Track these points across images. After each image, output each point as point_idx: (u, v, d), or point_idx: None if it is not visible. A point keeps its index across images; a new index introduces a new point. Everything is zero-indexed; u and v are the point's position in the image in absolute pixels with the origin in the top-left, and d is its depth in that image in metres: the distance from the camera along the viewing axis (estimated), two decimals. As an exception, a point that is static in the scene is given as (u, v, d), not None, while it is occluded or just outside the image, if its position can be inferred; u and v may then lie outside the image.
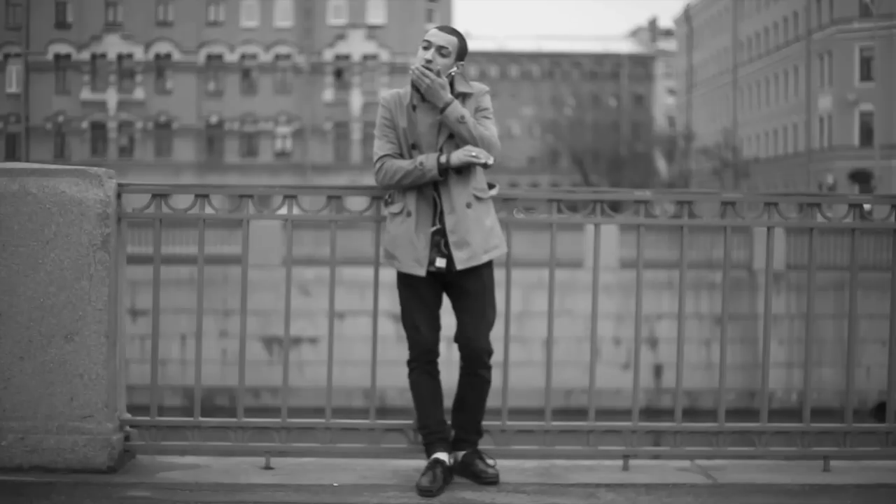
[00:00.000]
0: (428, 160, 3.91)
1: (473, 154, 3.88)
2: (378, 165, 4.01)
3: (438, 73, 3.91)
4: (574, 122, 64.69)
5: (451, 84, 4.00)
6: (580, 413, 4.74)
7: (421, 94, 3.98)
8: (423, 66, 3.91)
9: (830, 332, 17.91)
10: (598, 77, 73.56)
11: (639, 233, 4.34)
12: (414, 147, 3.98)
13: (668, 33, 76.49)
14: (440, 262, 3.97)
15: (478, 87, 4.07)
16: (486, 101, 4.05)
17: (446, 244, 3.98)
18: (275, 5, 49.78)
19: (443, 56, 3.93)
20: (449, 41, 3.95)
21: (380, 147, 4.04)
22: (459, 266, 3.97)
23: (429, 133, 3.96)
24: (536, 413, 4.32)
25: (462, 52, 3.98)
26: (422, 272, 3.98)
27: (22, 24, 47.59)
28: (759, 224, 4.41)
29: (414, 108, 3.99)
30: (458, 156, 3.90)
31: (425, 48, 3.95)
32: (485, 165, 3.92)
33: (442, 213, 3.97)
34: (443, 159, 3.90)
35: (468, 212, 3.96)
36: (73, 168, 4.12)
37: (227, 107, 49.61)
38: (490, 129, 3.99)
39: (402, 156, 4.02)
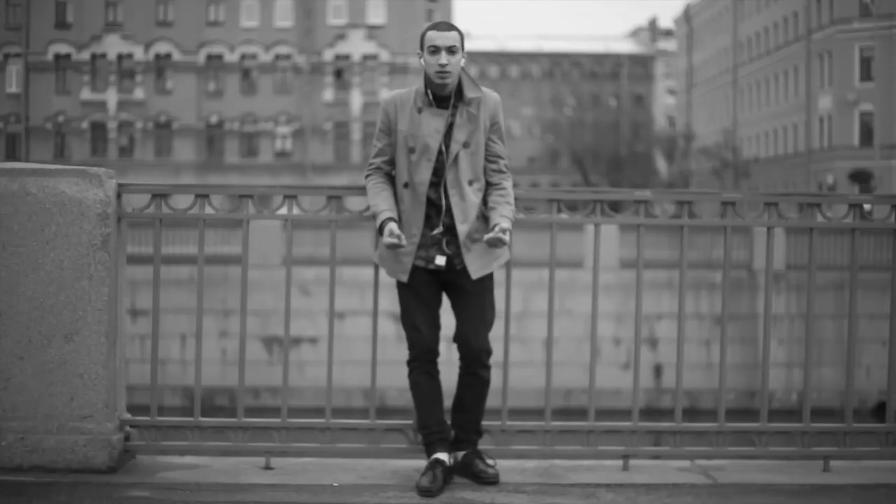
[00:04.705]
0: (378, 218, 3.95)
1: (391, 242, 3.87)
2: (365, 176, 4.11)
3: (453, 72, 3.94)
4: (574, 122, 64.72)
5: (460, 87, 4.00)
6: (580, 413, 4.74)
7: (428, 98, 3.99)
8: (441, 73, 3.90)
9: (830, 332, 17.91)
10: (598, 77, 73.58)
11: (639, 233, 4.34)
12: (412, 151, 3.98)
13: (668, 33, 76.48)
14: (440, 261, 3.97)
15: (491, 95, 4.05)
16: (501, 115, 4.07)
17: (448, 244, 3.98)
18: (275, 5, 49.76)
19: (452, 54, 3.93)
20: (454, 38, 3.95)
21: (374, 154, 4.11)
22: (475, 275, 4.00)
23: (433, 137, 3.96)
24: (536, 413, 4.32)
25: (463, 43, 3.99)
26: (404, 278, 4.01)
27: (22, 24, 47.57)
28: (759, 224, 4.41)
29: (419, 110, 3.99)
30: (388, 241, 3.86)
31: (433, 53, 3.93)
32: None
33: (444, 214, 3.96)
34: (384, 234, 3.88)
35: (479, 223, 4.00)
36: (73, 168, 4.12)
37: (227, 107, 49.60)
38: (502, 148, 4.05)
39: (393, 162, 4.05)
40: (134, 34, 48.81)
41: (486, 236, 3.87)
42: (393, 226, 3.88)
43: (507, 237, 3.85)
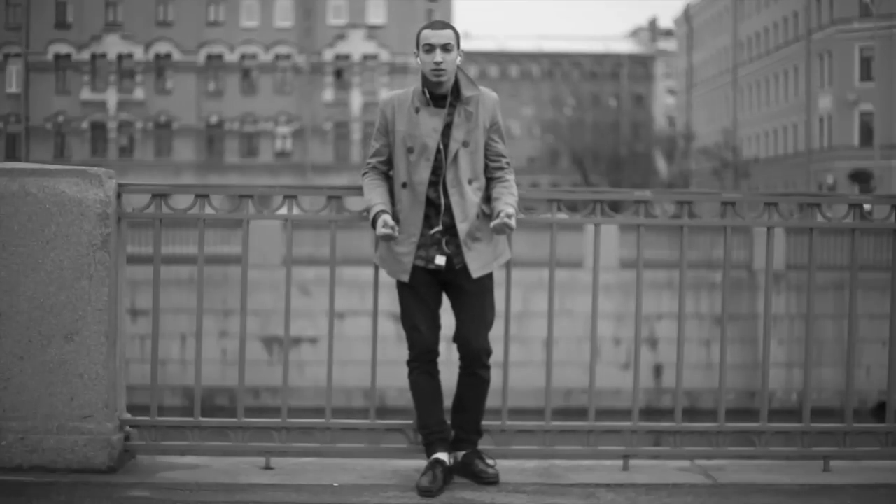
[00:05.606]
0: (371, 212, 3.97)
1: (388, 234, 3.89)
2: (362, 175, 4.13)
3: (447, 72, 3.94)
4: (574, 122, 64.76)
5: (457, 85, 4.00)
6: (580, 413, 4.74)
7: (426, 97, 3.99)
8: (436, 70, 3.91)
9: (830, 332, 17.91)
10: (598, 77, 73.58)
11: (639, 233, 4.34)
12: (410, 151, 3.98)
13: (668, 33, 76.48)
14: (439, 260, 3.97)
15: (488, 94, 4.05)
16: (499, 115, 4.07)
17: (447, 243, 3.98)
18: (275, 5, 49.76)
19: (448, 52, 3.93)
20: (448, 36, 3.95)
21: (371, 154, 4.13)
22: (476, 275, 3.99)
23: (431, 136, 3.96)
24: (536, 413, 4.32)
25: (459, 41, 3.99)
26: (405, 278, 4.01)
27: (22, 24, 47.56)
28: (759, 224, 4.41)
29: (417, 110, 3.99)
30: (381, 231, 3.88)
31: (428, 51, 3.93)
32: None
33: (443, 213, 3.97)
34: (377, 225, 3.91)
35: (480, 221, 4.00)
36: (73, 168, 4.12)
37: (227, 107, 49.59)
38: (503, 147, 4.06)
39: (389, 162, 4.06)
40: (134, 34, 48.80)
41: (493, 223, 3.89)
42: (386, 217, 3.90)
43: (512, 222, 3.85)
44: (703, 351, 18.40)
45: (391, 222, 3.89)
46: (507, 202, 3.93)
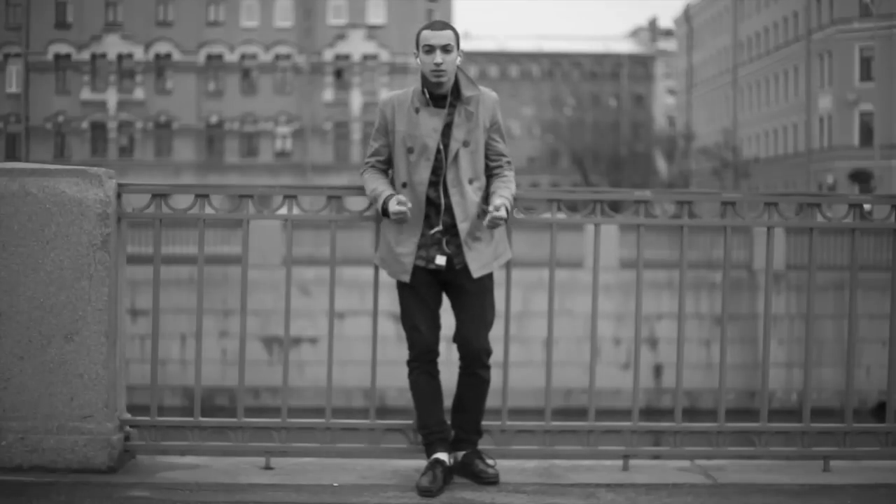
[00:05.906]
0: (379, 199, 3.96)
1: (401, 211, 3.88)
2: (361, 173, 4.14)
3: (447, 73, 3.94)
4: (574, 122, 64.79)
5: (457, 85, 4.00)
6: (580, 413, 4.74)
7: (425, 97, 3.99)
8: (436, 71, 3.91)
9: (830, 332, 17.91)
10: (598, 77, 73.60)
11: (639, 233, 4.34)
12: (410, 151, 3.98)
13: (668, 33, 76.50)
14: (440, 260, 3.97)
15: (488, 94, 4.05)
16: (499, 114, 4.08)
17: (448, 243, 3.98)
18: (275, 5, 49.76)
19: (448, 52, 3.93)
20: (448, 37, 3.95)
21: (369, 153, 4.13)
22: (476, 274, 3.99)
23: (431, 136, 3.96)
24: (536, 413, 4.32)
25: (459, 41, 3.99)
26: (406, 278, 4.01)
27: (22, 24, 47.55)
28: (759, 224, 4.41)
29: (417, 110, 3.99)
30: (395, 209, 3.87)
31: (428, 52, 3.93)
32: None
33: (444, 212, 3.97)
34: (390, 205, 3.90)
35: (480, 221, 3.99)
36: (73, 168, 4.12)
37: (227, 107, 49.59)
38: (504, 146, 4.07)
39: (389, 161, 4.07)
40: (134, 34, 48.80)
41: (485, 220, 3.89)
42: (399, 196, 3.90)
43: (502, 213, 3.85)
44: (703, 351, 18.40)
45: (404, 199, 3.89)
46: (501, 194, 3.94)
